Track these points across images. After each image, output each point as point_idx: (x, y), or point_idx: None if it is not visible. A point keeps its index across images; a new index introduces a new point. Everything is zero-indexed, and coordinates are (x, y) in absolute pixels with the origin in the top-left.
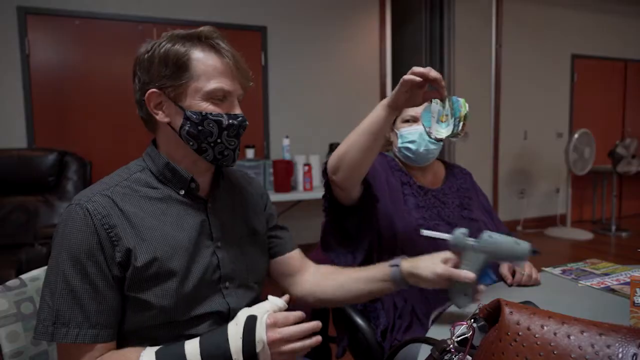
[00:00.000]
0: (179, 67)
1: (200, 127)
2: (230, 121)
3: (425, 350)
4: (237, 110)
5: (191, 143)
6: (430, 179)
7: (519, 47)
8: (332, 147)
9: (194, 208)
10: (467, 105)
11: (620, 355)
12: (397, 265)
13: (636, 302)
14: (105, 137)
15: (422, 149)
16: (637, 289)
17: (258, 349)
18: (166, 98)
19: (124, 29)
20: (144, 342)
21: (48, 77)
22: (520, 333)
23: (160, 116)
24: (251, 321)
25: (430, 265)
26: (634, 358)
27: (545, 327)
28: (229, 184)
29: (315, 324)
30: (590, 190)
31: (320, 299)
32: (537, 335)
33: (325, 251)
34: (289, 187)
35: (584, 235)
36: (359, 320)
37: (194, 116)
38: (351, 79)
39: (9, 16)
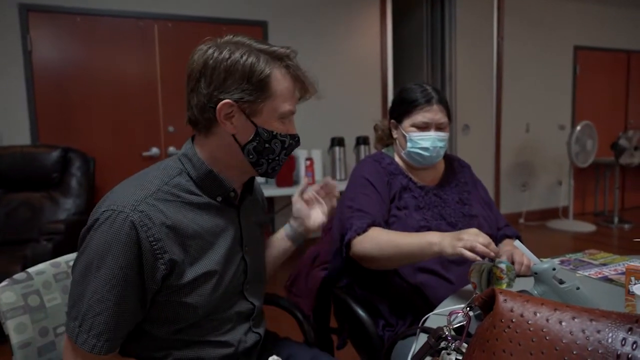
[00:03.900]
0: (262, 86)
1: (267, 145)
2: (291, 141)
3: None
4: (295, 130)
5: (251, 156)
6: (431, 176)
7: (520, 39)
8: (334, 141)
9: (228, 215)
10: (504, 266)
11: (609, 340)
12: (288, 224)
13: (631, 290)
14: (108, 133)
15: (434, 154)
16: (632, 278)
17: None
18: (239, 111)
19: (124, 25)
20: (159, 346)
21: (50, 74)
22: (513, 320)
23: (228, 127)
24: None
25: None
26: (623, 342)
27: (537, 314)
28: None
29: None
30: (592, 183)
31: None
32: (530, 322)
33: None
34: (291, 181)
35: (587, 227)
36: (360, 312)
37: (265, 134)
38: (352, 73)
39: (10, 13)
